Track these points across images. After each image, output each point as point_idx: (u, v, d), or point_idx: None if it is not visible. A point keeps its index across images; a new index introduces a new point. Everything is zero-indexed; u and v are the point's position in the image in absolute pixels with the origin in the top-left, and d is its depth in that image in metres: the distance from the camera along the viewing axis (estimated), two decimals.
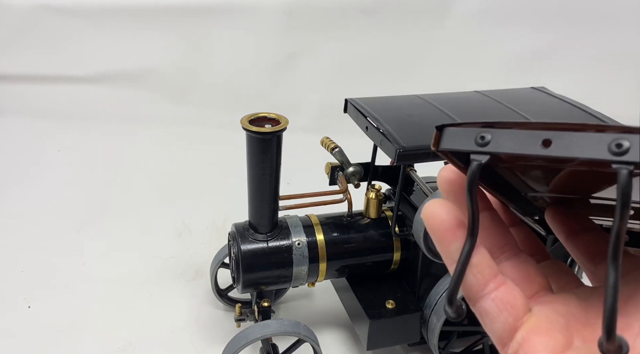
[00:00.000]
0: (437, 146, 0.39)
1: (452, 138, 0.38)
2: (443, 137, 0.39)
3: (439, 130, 0.39)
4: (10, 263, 1.43)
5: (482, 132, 0.36)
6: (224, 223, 1.62)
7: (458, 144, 0.38)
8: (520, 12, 2.45)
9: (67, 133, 2.22)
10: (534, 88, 1.20)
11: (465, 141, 0.37)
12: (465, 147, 0.37)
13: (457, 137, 0.38)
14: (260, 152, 0.97)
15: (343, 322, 1.26)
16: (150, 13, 2.42)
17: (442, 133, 0.39)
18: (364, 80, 2.44)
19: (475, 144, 0.37)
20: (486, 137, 0.36)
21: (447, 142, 0.39)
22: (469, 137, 0.37)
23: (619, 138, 0.30)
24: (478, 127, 0.37)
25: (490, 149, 0.36)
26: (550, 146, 0.33)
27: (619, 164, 0.30)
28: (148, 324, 1.25)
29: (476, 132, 0.37)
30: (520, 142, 0.35)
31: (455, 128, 0.38)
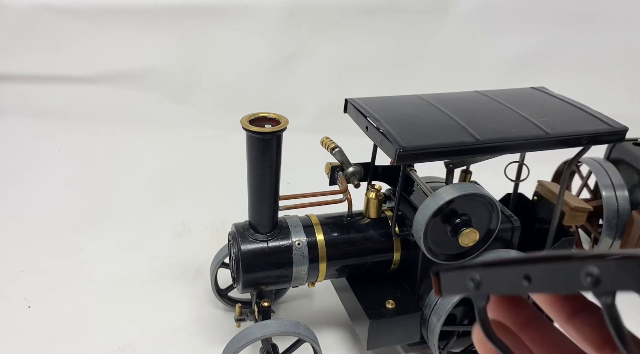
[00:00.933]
0: (439, 293, 0.39)
1: (450, 282, 0.39)
2: (442, 283, 0.39)
3: (436, 276, 0.39)
4: (10, 263, 1.43)
5: (470, 274, 0.36)
6: (224, 223, 1.62)
7: (457, 289, 0.38)
8: (520, 12, 2.45)
9: (67, 133, 2.22)
10: (534, 88, 1.20)
11: (461, 285, 0.37)
12: (464, 291, 0.37)
13: (453, 281, 0.38)
14: (260, 152, 0.97)
15: (343, 322, 1.26)
16: (150, 13, 2.42)
17: (440, 279, 0.39)
18: (364, 80, 2.44)
19: (471, 287, 0.36)
20: (475, 278, 0.36)
21: (448, 288, 0.39)
22: (463, 280, 0.37)
23: (586, 266, 0.29)
24: (467, 269, 0.37)
25: (485, 291, 0.36)
26: (532, 281, 0.33)
27: (598, 296, 0.29)
28: (148, 324, 1.25)
29: (467, 274, 0.37)
30: (506, 280, 0.34)
31: (449, 273, 0.39)
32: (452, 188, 0.95)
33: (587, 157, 1.43)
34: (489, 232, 1.01)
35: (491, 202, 0.97)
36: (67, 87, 2.47)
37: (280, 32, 2.44)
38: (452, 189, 0.95)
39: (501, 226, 1.01)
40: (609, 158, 1.45)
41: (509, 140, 0.94)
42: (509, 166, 1.18)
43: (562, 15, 2.45)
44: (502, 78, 2.44)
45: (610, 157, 1.45)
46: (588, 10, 2.44)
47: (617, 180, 1.38)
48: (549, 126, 0.97)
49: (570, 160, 1.09)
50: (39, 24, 2.43)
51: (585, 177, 1.51)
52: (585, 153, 1.04)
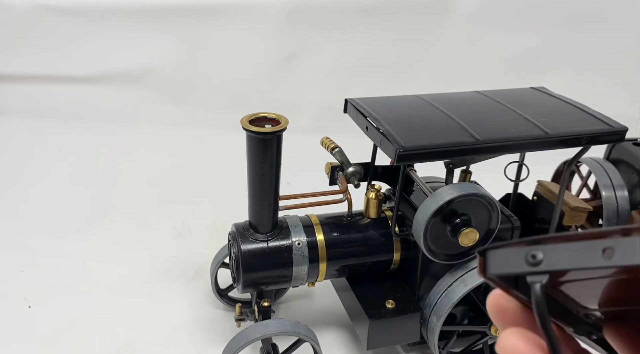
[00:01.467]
0: (484, 272, 0.36)
1: (498, 261, 0.36)
2: (488, 261, 0.36)
3: (481, 255, 0.37)
4: (10, 263, 1.43)
5: (531, 250, 0.34)
6: (224, 223, 1.62)
7: (508, 267, 0.35)
8: (520, 12, 2.45)
9: (67, 133, 2.22)
10: (534, 89, 1.20)
11: (515, 263, 0.35)
12: (517, 269, 0.34)
13: (504, 259, 0.35)
14: (260, 152, 0.97)
15: (343, 322, 1.26)
16: (150, 13, 2.42)
17: (486, 257, 0.36)
18: (364, 80, 2.44)
19: (527, 264, 0.34)
20: (537, 255, 0.34)
21: (495, 266, 0.36)
22: (518, 258, 0.34)
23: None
24: (524, 245, 0.35)
25: (546, 267, 0.33)
26: (613, 255, 0.31)
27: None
28: (148, 324, 1.25)
29: (525, 250, 0.34)
30: (577, 256, 0.32)
31: (500, 250, 0.36)
32: (452, 188, 0.95)
33: (587, 157, 1.43)
34: (489, 232, 1.01)
35: (491, 202, 0.97)
36: (67, 87, 2.47)
37: (280, 32, 2.44)
38: (452, 189, 0.95)
39: (501, 226, 1.01)
40: (609, 158, 1.45)
41: (508, 140, 0.94)
42: (508, 166, 1.18)
43: (562, 15, 2.45)
44: (502, 78, 2.44)
45: (610, 157, 1.45)
46: (588, 10, 2.44)
47: (617, 180, 1.38)
48: (548, 126, 0.97)
49: (570, 160, 1.09)
50: (39, 24, 2.43)
51: (585, 177, 1.51)
52: (585, 153, 1.04)
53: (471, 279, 1.01)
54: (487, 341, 1.14)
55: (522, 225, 1.08)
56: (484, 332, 1.11)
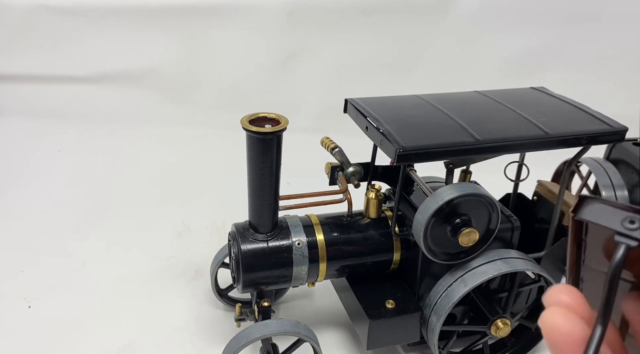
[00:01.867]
0: (576, 213, 0.38)
1: (595, 211, 0.38)
2: (584, 207, 0.38)
3: (581, 199, 0.39)
4: (10, 263, 1.43)
5: (631, 216, 0.36)
6: (224, 223, 1.62)
7: (604, 220, 0.37)
8: (520, 12, 2.45)
9: (67, 133, 2.22)
10: (534, 89, 1.20)
11: (611, 219, 0.37)
12: (612, 225, 0.36)
13: (601, 212, 0.37)
14: (260, 152, 0.97)
15: (343, 322, 1.26)
16: (150, 13, 2.42)
17: (584, 203, 0.38)
18: (364, 80, 2.44)
19: (622, 226, 0.36)
20: (636, 222, 0.36)
21: (590, 214, 0.38)
22: (615, 217, 0.36)
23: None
24: (626, 209, 0.36)
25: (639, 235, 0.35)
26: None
27: None
28: (148, 324, 1.25)
29: (624, 214, 0.36)
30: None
31: (601, 204, 0.38)
32: (452, 188, 0.96)
33: (587, 157, 1.43)
34: (489, 232, 1.01)
35: (491, 202, 0.97)
36: (67, 87, 2.47)
37: (280, 32, 2.44)
38: (452, 189, 0.95)
39: (501, 226, 1.01)
40: (609, 158, 1.45)
41: (509, 140, 0.94)
42: (508, 166, 1.19)
43: (562, 15, 2.45)
44: (502, 78, 2.44)
45: (610, 157, 1.45)
46: (588, 10, 2.44)
47: (617, 180, 1.38)
48: (548, 126, 0.97)
49: (570, 160, 1.09)
50: (39, 24, 2.43)
51: (585, 177, 1.51)
52: (585, 153, 1.04)
53: (471, 279, 1.01)
54: (487, 341, 1.14)
55: (522, 225, 1.08)
56: (484, 332, 1.10)
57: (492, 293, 1.11)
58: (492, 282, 1.10)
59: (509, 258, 1.04)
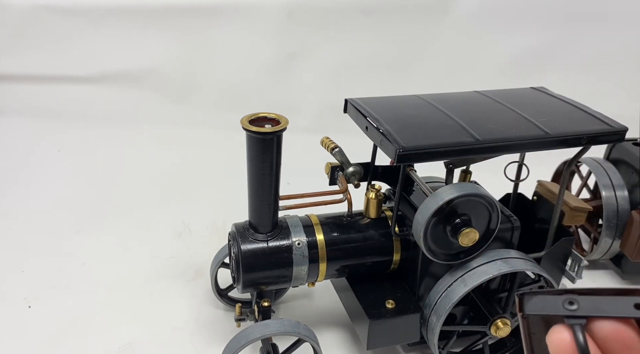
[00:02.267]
0: (522, 311, 0.41)
1: (537, 303, 0.40)
2: (527, 303, 0.41)
3: (520, 297, 0.41)
4: (10, 263, 1.43)
5: (569, 298, 0.39)
6: (224, 223, 1.62)
7: (547, 309, 0.40)
8: (520, 13, 2.45)
9: (67, 133, 2.22)
10: (534, 88, 1.20)
11: (553, 306, 0.40)
12: (555, 311, 0.39)
13: (542, 302, 0.40)
14: (260, 152, 0.97)
15: (343, 322, 1.26)
16: (150, 13, 2.42)
17: (523, 300, 0.41)
18: (364, 80, 2.44)
19: (565, 309, 0.39)
20: (574, 302, 0.39)
21: (534, 307, 0.40)
22: (556, 302, 0.40)
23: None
24: (560, 294, 0.40)
25: (584, 312, 0.38)
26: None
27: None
28: (148, 324, 1.25)
29: (562, 298, 0.39)
30: (612, 307, 0.38)
31: (537, 296, 0.41)
32: (452, 188, 0.96)
33: (586, 157, 1.43)
34: (489, 232, 1.01)
35: (491, 202, 0.97)
36: (67, 87, 2.47)
37: (280, 32, 2.44)
38: (452, 189, 0.95)
39: (501, 226, 1.01)
40: (609, 158, 1.45)
41: (509, 140, 0.94)
42: (508, 166, 1.19)
43: (562, 15, 2.45)
44: (502, 78, 2.44)
45: (610, 157, 1.45)
46: (587, 10, 2.44)
47: (617, 180, 1.38)
48: (548, 126, 0.97)
49: (570, 160, 1.09)
50: (39, 24, 2.43)
51: (585, 177, 1.51)
52: (585, 153, 1.04)
53: (471, 279, 1.01)
54: (487, 341, 1.14)
55: (522, 225, 1.08)
56: (484, 332, 1.10)
57: (492, 293, 1.11)
58: (492, 282, 1.10)
59: (509, 258, 1.04)
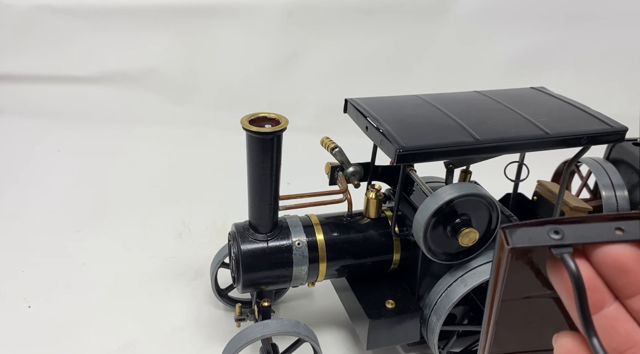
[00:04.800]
0: (509, 243, 0.40)
1: (522, 235, 0.40)
2: (509, 236, 0.40)
3: (502, 230, 0.41)
4: (10, 263, 1.43)
5: (553, 228, 0.39)
6: (224, 223, 1.62)
7: (533, 241, 0.40)
8: (520, 12, 2.45)
9: (67, 133, 2.22)
10: (534, 88, 1.20)
11: (539, 237, 0.40)
12: (542, 242, 0.39)
13: (528, 233, 0.40)
14: (260, 152, 0.97)
15: (343, 322, 1.26)
16: (150, 13, 2.42)
17: (506, 233, 0.41)
18: (364, 80, 2.44)
19: (550, 238, 0.39)
20: (559, 231, 0.39)
21: (520, 240, 0.40)
22: (542, 232, 0.40)
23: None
24: (543, 224, 0.40)
25: (569, 241, 0.39)
26: (623, 232, 0.39)
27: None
28: (148, 324, 1.25)
29: (545, 229, 0.40)
30: (595, 233, 0.39)
31: (522, 228, 0.40)
32: (452, 188, 0.96)
33: (586, 157, 1.43)
34: (489, 232, 1.01)
35: (491, 202, 0.97)
36: (67, 87, 2.47)
37: (280, 32, 2.44)
38: (452, 189, 0.95)
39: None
40: (609, 158, 1.45)
41: (508, 140, 0.94)
42: (508, 166, 1.18)
43: (562, 15, 2.45)
44: (502, 78, 2.44)
45: (610, 157, 1.45)
46: (587, 10, 2.44)
47: (617, 180, 1.38)
48: (548, 126, 0.97)
49: (570, 160, 1.09)
50: (39, 24, 2.43)
51: (585, 177, 1.51)
52: (585, 153, 1.04)
53: (471, 279, 1.01)
54: None
55: None
56: None
57: None
58: None
59: None
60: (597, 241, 0.39)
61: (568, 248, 0.39)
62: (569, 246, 0.39)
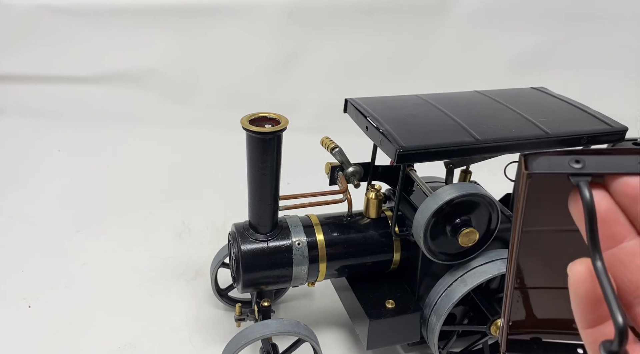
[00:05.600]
0: (528, 169, 0.40)
1: (543, 162, 0.40)
2: (532, 162, 0.40)
3: (524, 157, 0.41)
4: (10, 263, 1.43)
5: (574, 157, 0.39)
6: (224, 223, 1.62)
7: (552, 168, 0.40)
8: (520, 13, 2.45)
9: (67, 133, 2.22)
10: (534, 88, 1.20)
11: (558, 165, 0.40)
12: (561, 169, 0.39)
13: (548, 162, 0.40)
14: (260, 152, 0.97)
15: (343, 322, 1.26)
16: (150, 13, 2.42)
17: (529, 160, 0.41)
18: (364, 80, 2.44)
19: (571, 167, 0.39)
20: (580, 161, 0.39)
21: (540, 166, 0.40)
22: (563, 162, 0.40)
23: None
24: (566, 154, 0.40)
25: (590, 170, 0.38)
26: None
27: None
28: (148, 324, 1.25)
29: (567, 158, 0.40)
30: (617, 164, 0.38)
31: (543, 156, 0.40)
32: (452, 188, 0.96)
33: None
34: (489, 232, 1.01)
35: (491, 202, 0.97)
36: (67, 87, 2.47)
37: (280, 32, 2.44)
38: (452, 189, 0.95)
39: (501, 226, 1.01)
40: None
41: (508, 140, 0.94)
42: (509, 166, 1.18)
43: (562, 15, 2.45)
44: (502, 78, 2.44)
45: None
46: (587, 10, 2.44)
47: None
48: (548, 126, 0.97)
49: None
50: (39, 24, 2.43)
51: None
52: None
53: (471, 279, 1.01)
54: (487, 341, 1.14)
55: None
56: (484, 332, 1.10)
57: (492, 293, 1.11)
58: (492, 282, 1.10)
59: None
60: (619, 172, 0.38)
61: (587, 177, 0.38)
62: (588, 176, 0.38)
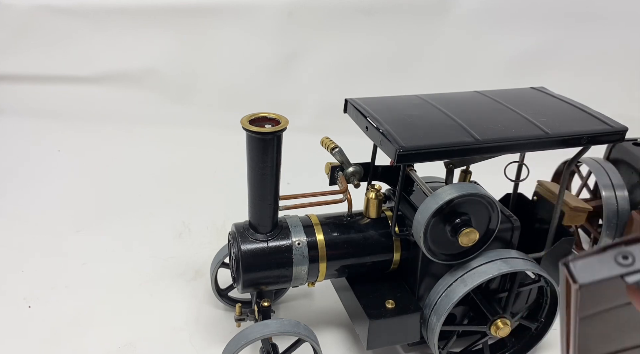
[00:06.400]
0: (576, 281, 0.36)
1: (587, 269, 0.36)
2: (577, 272, 0.36)
3: (566, 266, 0.37)
4: (10, 263, 1.43)
5: (620, 252, 0.35)
6: (224, 223, 1.62)
7: (600, 273, 0.35)
8: (520, 12, 2.45)
9: (67, 133, 2.22)
10: (534, 88, 1.20)
11: (605, 268, 0.35)
12: (611, 272, 0.35)
13: (591, 267, 0.36)
14: (260, 152, 0.97)
15: (343, 322, 1.26)
16: (150, 13, 2.42)
17: (570, 268, 0.36)
18: (364, 80, 2.44)
19: (619, 265, 0.35)
20: (628, 256, 0.35)
21: (585, 275, 0.36)
22: (608, 260, 0.36)
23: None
24: (608, 249, 0.36)
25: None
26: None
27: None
28: (148, 324, 1.25)
29: (613, 253, 0.36)
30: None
31: (583, 259, 0.36)
32: (452, 188, 0.96)
33: (586, 157, 1.43)
34: (489, 232, 1.01)
35: (491, 202, 0.97)
36: (67, 87, 2.47)
37: (280, 32, 2.44)
38: (452, 189, 0.95)
39: (501, 226, 1.01)
40: (609, 158, 1.45)
41: (509, 140, 0.94)
42: (508, 166, 1.18)
43: (562, 15, 2.45)
44: (502, 78, 2.44)
45: (610, 157, 1.45)
46: (587, 10, 2.44)
47: (617, 180, 1.38)
48: (548, 126, 0.97)
49: (570, 160, 1.09)
50: (39, 24, 2.43)
51: (585, 177, 1.51)
52: (585, 153, 1.04)
53: (471, 279, 1.01)
54: (487, 341, 1.14)
55: (522, 225, 1.08)
56: (484, 332, 1.10)
57: (492, 293, 1.11)
58: (492, 282, 1.10)
59: (509, 258, 1.04)
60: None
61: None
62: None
